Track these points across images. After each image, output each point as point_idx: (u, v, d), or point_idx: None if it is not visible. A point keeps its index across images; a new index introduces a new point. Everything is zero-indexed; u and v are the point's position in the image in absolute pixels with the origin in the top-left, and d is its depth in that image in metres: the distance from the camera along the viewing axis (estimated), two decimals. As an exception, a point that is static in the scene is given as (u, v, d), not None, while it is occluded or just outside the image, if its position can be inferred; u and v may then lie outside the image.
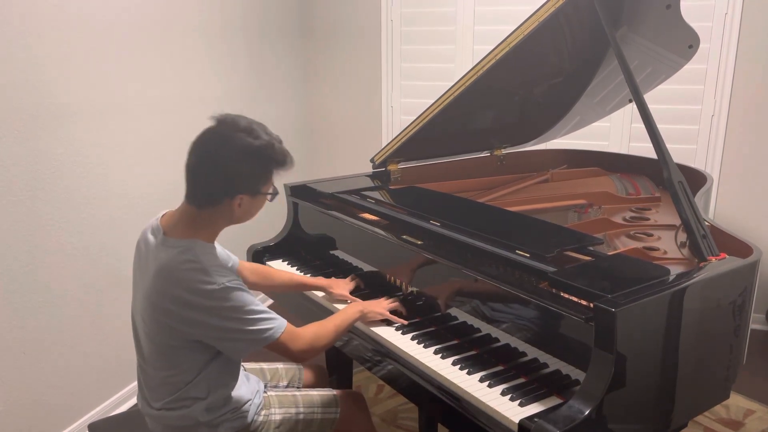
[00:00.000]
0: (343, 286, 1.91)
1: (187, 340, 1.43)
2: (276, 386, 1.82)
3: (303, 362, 1.57)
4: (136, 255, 1.53)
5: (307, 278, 1.98)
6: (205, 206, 1.44)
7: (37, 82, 2.09)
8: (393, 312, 1.75)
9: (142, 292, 1.45)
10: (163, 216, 1.51)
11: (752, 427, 2.45)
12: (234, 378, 1.55)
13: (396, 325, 1.72)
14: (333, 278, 1.98)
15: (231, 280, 1.40)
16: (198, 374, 1.47)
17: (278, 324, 1.45)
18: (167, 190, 2.76)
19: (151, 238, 1.48)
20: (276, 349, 1.47)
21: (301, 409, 1.66)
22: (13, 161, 2.03)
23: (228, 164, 1.41)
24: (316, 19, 3.88)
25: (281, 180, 1.61)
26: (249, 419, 1.57)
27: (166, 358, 1.46)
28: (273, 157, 1.45)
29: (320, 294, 1.94)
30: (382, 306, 1.75)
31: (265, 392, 1.68)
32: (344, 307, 1.73)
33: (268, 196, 1.50)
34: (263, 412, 1.61)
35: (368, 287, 1.96)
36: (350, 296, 1.87)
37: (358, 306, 1.72)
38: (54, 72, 2.15)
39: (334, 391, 1.76)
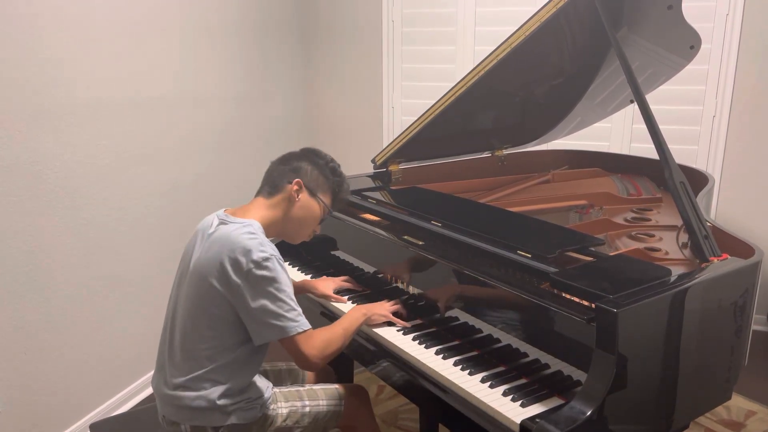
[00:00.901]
0: (330, 285, 1.93)
1: (227, 311, 1.49)
2: (280, 386, 1.82)
3: (310, 369, 1.60)
4: (194, 236, 1.61)
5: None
6: (270, 192, 1.62)
7: (38, 82, 2.09)
8: (395, 314, 1.75)
9: (197, 259, 1.52)
10: (225, 210, 1.62)
11: (753, 428, 2.44)
12: (253, 372, 1.59)
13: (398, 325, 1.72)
14: (323, 277, 2.00)
15: (280, 258, 1.50)
16: (225, 357, 1.51)
17: (303, 321, 1.51)
18: (168, 189, 2.76)
19: (213, 220, 1.58)
20: (291, 347, 1.50)
21: (307, 402, 1.68)
22: (14, 161, 2.03)
23: (302, 160, 1.65)
24: (317, 19, 3.88)
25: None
26: (259, 412, 1.59)
27: (203, 329, 1.51)
28: (338, 176, 1.68)
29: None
30: (384, 308, 1.75)
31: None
32: (349, 311, 1.74)
33: (320, 215, 1.66)
34: (272, 406, 1.64)
35: (369, 288, 1.96)
36: (333, 295, 1.90)
37: (362, 309, 1.73)
38: (54, 72, 2.15)
39: (338, 386, 1.77)
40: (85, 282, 2.35)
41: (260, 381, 1.63)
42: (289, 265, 2.19)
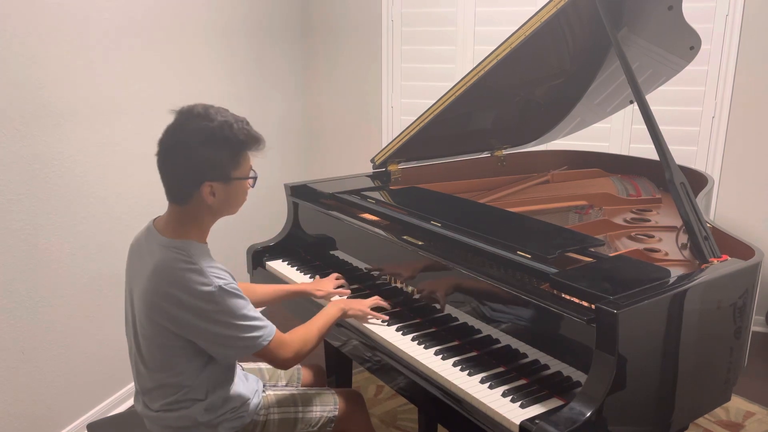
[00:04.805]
0: (327, 284, 1.91)
1: (183, 341, 1.42)
2: (275, 386, 1.81)
3: (286, 368, 1.58)
4: (130, 258, 1.53)
5: (289, 287, 1.95)
6: (183, 202, 1.41)
7: (38, 81, 2.09)
8: (376, 309, 1.75)
9: (138, 292, 1.44)
10: (155, 220, 1.51)
11: (752, 429, 2.44)
12: (231, 377, 1.55)
13: (397, 325, 1.71)
14: (316, 279, 1.99)
15: (227, 283, 1.39)
16: (195, 378, 1.46)
17: (268, 331, 1.45)
18: (167, 189, 2.76)
19: (144, 241, 1.48)
20: (263, 356, 1.47)
21: (300, 408, 1.66)
22: (13, 160, 2.02)
23: (189, 152, 1.37)
24: (316, 19, 3.88)
25: (266, 167, 1.52)
26: (248, 419, 1.57)
27: (163, 359, 1.45)
28: (233, 137, 1.38)
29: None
30: (363, 303, 1.75)
31: (263, 392, 1.68)
32: (326, 306, 1.73)
33: (249, 181, 1.45)
34: (262, 412, 1.61)
35: (367, 288, 1.95)
36: (336, 291, 1.88)
37: (340, 304, 1.72)
38: (54, 71, 2.14)
39: (332, 390, 1.76)
40: (83, 281, 2.34)
41: (245, 386, 1.59)
42: (288, 265, 2.18)
